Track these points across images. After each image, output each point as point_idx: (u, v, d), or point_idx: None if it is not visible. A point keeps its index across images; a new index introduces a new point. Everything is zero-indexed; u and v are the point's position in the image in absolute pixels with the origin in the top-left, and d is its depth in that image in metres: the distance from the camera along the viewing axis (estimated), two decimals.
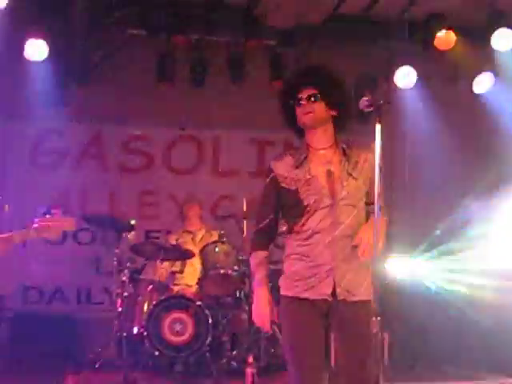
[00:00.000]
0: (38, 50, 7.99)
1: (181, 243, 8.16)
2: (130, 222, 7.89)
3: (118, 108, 9.05)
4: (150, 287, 7.74)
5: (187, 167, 9.77)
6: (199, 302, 7.39)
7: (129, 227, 7.79)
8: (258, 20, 8.11)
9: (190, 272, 8.08)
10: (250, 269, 4.27)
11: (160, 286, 7.78)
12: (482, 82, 8.96)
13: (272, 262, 4.26)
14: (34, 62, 8.07)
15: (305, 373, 3.99)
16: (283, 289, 4.17)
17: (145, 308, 7.58)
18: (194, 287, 7.89)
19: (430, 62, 8.83)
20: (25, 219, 4.36)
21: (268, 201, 4.24)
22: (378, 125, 3.95)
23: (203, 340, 7.27)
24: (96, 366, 7.41)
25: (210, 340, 7.31)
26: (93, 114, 9.07)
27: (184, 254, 7.88)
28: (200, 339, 7.26)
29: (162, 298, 7.45)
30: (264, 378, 6.92)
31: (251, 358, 6.99)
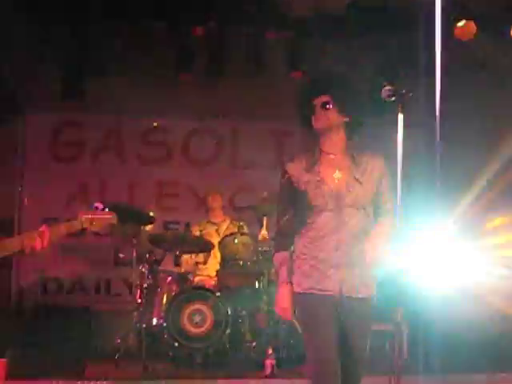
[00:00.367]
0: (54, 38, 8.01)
1: (205, 234, 8.19)
2: (149, 214, 7.90)
3: (136, 99, 9.00)
4: (169, 278, 7.77)
5: (206, 158, 9.78)
6: (218, 293, 7.39)
7: (148, 219, 7.79)
8: (277, 11, 8.08)
9: (214, 263, 8.10)
10: (275, 268, 4.43)
11: (179, 278, 7.81)
12: None
13: None
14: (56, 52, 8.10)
15: (318, 349, 4.19)
16: (295, 286, 4.34)
17: (164, 299, 7.60)
18: (215, 278, 7.91)
19: (451, 53, 8.77)
20: (44, 211, 4.38)
21: (285, 199, 4.39)
22: (400, 114, 3.96)
23: (222, 331, 7.27)
24: (116, 357, 7.41)
25: (229, 331, 7.31)
26: (111, 105, 9.07)
27: (204, 246, 7.89)
28: (219, 330, 7.26)
29: (182, 289, 7.46)
30: (283, 370, 6.92)
31: (270, 350, 7.01)
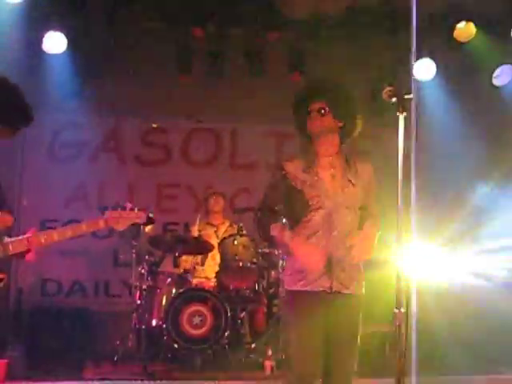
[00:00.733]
0: (56, 43, 8.01)
1: (203, 235, 8.18)
2: (148, 215, 7.85)
3: (135, 100, 9.07)
4: (168, 280, 7.78)
5: (205, 160, 9.78)
6: (218, 295, 7.39)
7: (148, 220, 7.77)
8: (278, 12, 8.08)
9: (211, 265, 8.11)
10: (276, 238, 4.46)
11: (179, 279, 7.81)
12: (502, 75, 8.91)
13: None
14: (52, 55, 8.09)
15: (299, 349, 4.44)
16: (287, 283, 4.57)
17: (164, 301, 7.61)
18: (213, 280, 7.90)
19: (450, 54, 8.78)
20: (43, 212, 4.39)
21: (276, 191, 4.58)
22: (401, 115, 3.98)
23: (222, 333, 7.27)
24: (115, 359, 7.43)
25: (228, 333, 7.32)
26: (111, 106, 9.09)
27: (203, 247, 7.89)
28: (219, 332, 7.27)
29: (181, 290, 7.47)
30: (282, 370, 6.93)
31: (270, 351, 7.02)
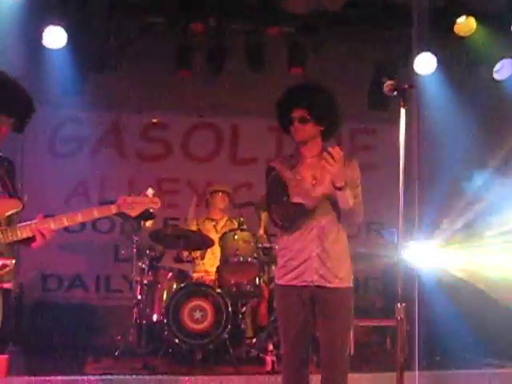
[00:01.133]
0: (56, 38, 7.99)
1: (202, 230, 8.17)
2: (149, 210, 7.83)
3: (136, 96, 9.08)
4: (169, 275, 7.77)
5: (205, 155, 9.79)
6: (219, 290, 7.38)
7: (148, 215, 7.74)
8: (277, 7, 8.06)
9: (211, 259, 8.10)
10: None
11: (179, 274, 7.80)
12: (502, 69, 8.89)
13: None
14: (52, 50, 8.07)
15: (287, 340, 4.74)
16: (276, 278, 4.80)
17: (164, 295, 7.59)
18: (214, 274, 7.89)
19: (450, 48, 8.77)
20: (43, 207, 4.39)
21: (279, 186, 4.71)
22: (402, 109, 3.99)
23: (223, 328, 7.25)
24: (116, 354, 7.41)
25: (229, 328, 7.30)
26: (111, 101, 9.10)
27: (204, 242, 7.88)
28: (220, 327, 7.25)
29: (182, 285, 7.45)
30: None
31: (271, 346, 7.02)
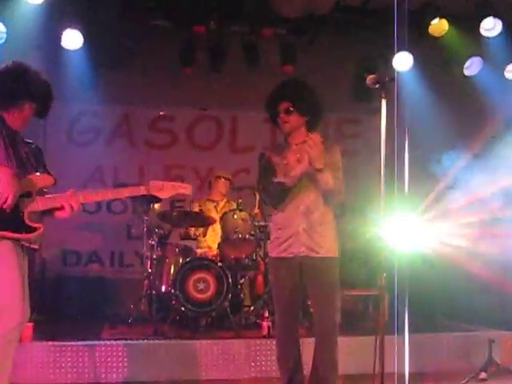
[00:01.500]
0: (73, 40, 7.97)
1: (204, 210, 8.14)
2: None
3: (145, 91, 9.04)
4: (176, 250, 7.77)
5: (208, 144, 9.76)
6: (220, 264, 7.37)
7: (156, 198, 7.74)
8: (271, 11, 8.04)
9: (212, 236, 8.09)
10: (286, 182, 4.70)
11: (185, 249, 7.79)
12: (472, 66, 8.88)
13: None
14: (70, 50, 8.04)
15: (279, 307, 4.83)
16: (269, 251, 4.92)
17: (172, 269, 7.59)
18: (215, 250, 7.89)
19: (425, 47, 8.75)
20: (63, 190, 4.41)
21: (269, 169, 4.84)
22: (383, 100, 3.98)
23: (224, 297, 7.25)
24: (129, 321, 7.44)
25: (230, 297, 7.30)
26: (123, 96, 9.06)
27: (206, 221, 7.87)
28: (221, 296, 7.24)
29: (187, 259, 7.43)
30: None
31: (267, 313, 7.01)
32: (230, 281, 7.30)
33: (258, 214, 7.92)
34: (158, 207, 7.91)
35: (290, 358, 4.84)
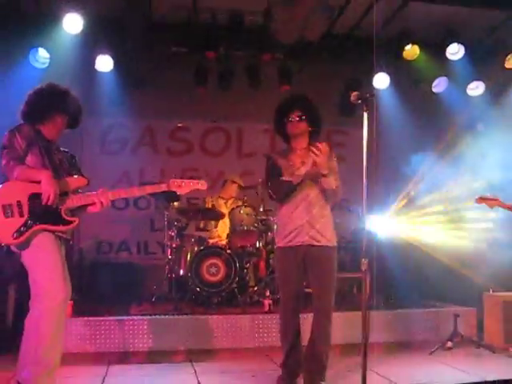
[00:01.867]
0: (105, 64, 7.98)
1: (216, 206, 8.15)
2: (176, 192, 7.84)
3: (165, 106, 9.05)
4: (192, 240, 7.78)
5: (218, 151, 9.74)
6: (229, 251, 7.38)
7: (175, 196, 7.78)
8: (270, 38, 8.05)
9: (222, 227, 8.09)
10: (290, 182, 4.69)
11: (199, 239, 7.81)
12: (439, 85, 8.89)
13: None
14: (102, 73, 8.06)
15: (284, 291, 4.82)
16: (276, 241, 4.88)
17: (188, 256, 7.60)
18: (225, 239, 7.90)
19: (400, 69, 8.75)
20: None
21: (275, 169, 4.80)
22: (365, 113, 3.98)
23: (232, 279, 7.26)
24: (153, 300, 7.47)
25: (237, 279, 7.32)
26: (146, 111, 9.05)
27: (217, 215, 7.88)
28: (230, 279, 7.26)
29: (201, 248, 7.45)
30: (277, 307, 6.88)
31: (268, 292, 7.03)
32: (237, 265, 7.31)
33: (261, 209, 7.91)
34: (176, 204, 7.92)
35: (292, 332, 4.83)
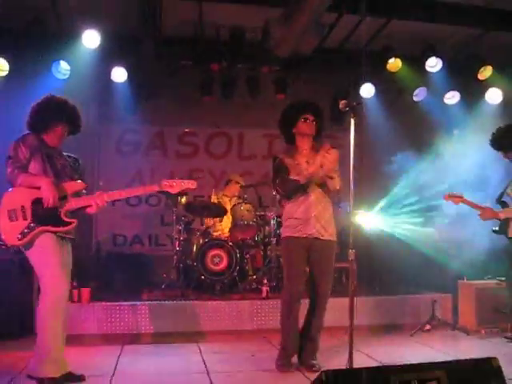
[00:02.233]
0: (120, 75, 7.94)
1: (221, 202, 8.08)
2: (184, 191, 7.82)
3: (173, 114, 9.04)
4: (197, 233, 7.74)
5: (221, 153, 9.68)
6: (231, 243, 7.36)
7: (183, 194, 7.74)
8: (267, 52, 8.01)
9: (226, 222, 8.04)
10: (297, 181, 4.63)
11: (205, 233, 7.77)
12: (419, 94, 8.86)
13: None
14: (117, 83, 8.01)
15: (291, 274, 4.69)
16: (283, 233, 4.79)
17: (194, 247, 7.56)
18: (227, 233, 7.86)
19: (384, 80, 8.72)
20: (112, 190, 4.45)
21: (283, 168, 4.70)
22: (352, 119, 3.94)
23: (233, 268, 7.25)
24: (162, 287, 7.43)
25: (237, 268, 7.30)
26: (157, 118, 9.03)
27: (220, 211, 7.84)
28: (231, 268, 7.24)
29: (206, 240, 7.42)
30: (274, 293, 6.92)
31: (265, 280, 7.00)
32: (238, 256, 7.29)
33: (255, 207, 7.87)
34: (183, 201, 7.87)
35: (294, 317, 4.74)
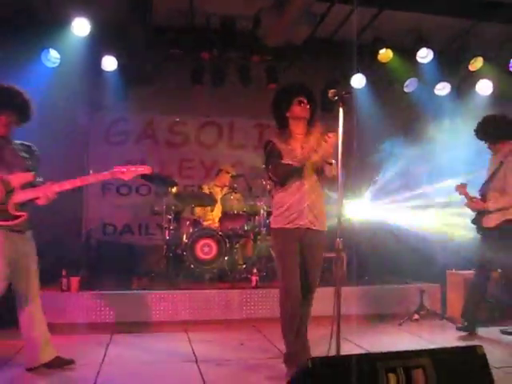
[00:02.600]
0: (110, 64, 7.90)
1: (212, 192, 8.10)
2: (173, 180, 7.85)
3: (164, 103, 8.96)
4: (187, 223, 7.73)
5: (211, 143, 9.64)
6: (220, 232, 7.37)
7: (173, 183, 7.74)
8: (258, 41, 8.00)
9: (217, 212, 8.05)
10: (299, 161, 4.41)
11: (194, 222, 7.77)
12: (410, 85, 8.88)
13: None
14: (107, 72, 7.97)
15: (287, 270, 4.44)
16: (273, 224, 4.55)
17: (184, 236, 7.56)
18: (217, 222, 7.87)
19: (375, 71, 8.72)
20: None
21: (276, 153, 4.48)
22: (341, 109, 3.94)
23: (223, 258, 7.28)
24: (152, 275, 7.46)
25: (227, 258, 7.32)
26: (148, 107, 8.97)
27: (210, 200, 7.84)
28: (221, 257, 7.27)
29: (196, 229, 7.44)
30: (263, 283, 6.95)
31: (255, 270, 7.01)
32: (228, 245, 7.32)
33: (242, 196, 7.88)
34: (174, 190, 7.86)
35: (297, 320, 4.52)
